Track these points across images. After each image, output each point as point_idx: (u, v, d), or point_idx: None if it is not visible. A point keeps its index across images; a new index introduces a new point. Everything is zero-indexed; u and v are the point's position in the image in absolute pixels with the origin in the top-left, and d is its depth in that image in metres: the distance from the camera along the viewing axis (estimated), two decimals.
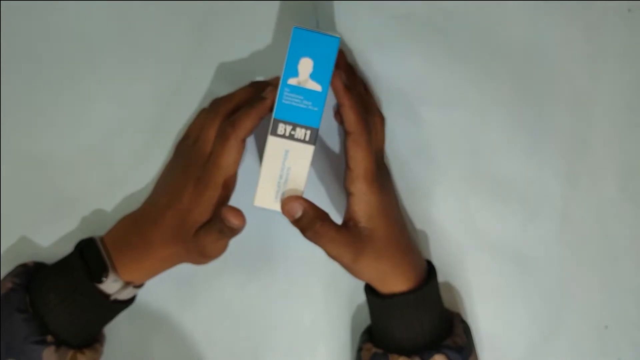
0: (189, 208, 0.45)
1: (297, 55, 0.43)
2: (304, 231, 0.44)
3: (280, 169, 0.43)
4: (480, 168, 0.54)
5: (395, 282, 0.47)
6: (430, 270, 0.50)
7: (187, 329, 0.54)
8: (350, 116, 0.45)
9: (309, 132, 0.43)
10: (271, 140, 0.43)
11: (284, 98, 0.43)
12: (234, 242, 0.50)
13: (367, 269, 0.46)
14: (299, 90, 0.43)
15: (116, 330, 0.53)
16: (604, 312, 0.55)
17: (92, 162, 0.53)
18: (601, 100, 0.54)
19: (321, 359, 0.54)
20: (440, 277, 0.54)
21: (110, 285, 0.46)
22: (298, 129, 0.43)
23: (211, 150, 0.45)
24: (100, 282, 0.46)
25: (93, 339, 0.50)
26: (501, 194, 0.54)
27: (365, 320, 0.53)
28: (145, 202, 0.50)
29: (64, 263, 0.48)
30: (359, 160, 0.45)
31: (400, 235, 0.48)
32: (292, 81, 0.43)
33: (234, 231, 0.44)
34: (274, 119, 0.43)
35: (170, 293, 0.54)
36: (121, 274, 0.47)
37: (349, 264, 0.46)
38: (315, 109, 0.42)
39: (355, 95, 0.45)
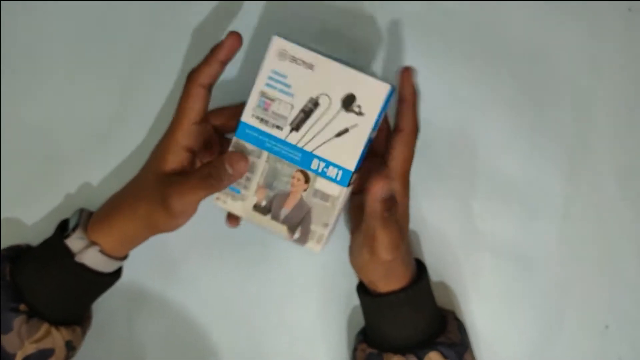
0: (156, 156, 0.46)
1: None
2: (386, 210, 0.44)
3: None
4: (480, 168, 0.54)
5: (387, 281, 0.47)
6: (420, 269, 0.50)
7: (187, 329, 0.54)
8: (408, 114, 0.45)
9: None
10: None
11: None
12: (234, 243, 0.51)
13: (381, 265, 0.46)
14: None
15: (114, 329, 0.53)
16: (604, 312, 0.55)
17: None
18: (601, 100, 0.54)
19: (320, 359, 0.54)
20: (440, 277, 0.54)
21: (75, 242, 0.46)
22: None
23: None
24: (67, 237, 0.46)
25: (72, 319, 0.49)
26: (501, 194, 0.54)
27: (362, 321, 0.53)
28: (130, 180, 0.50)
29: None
30: (403, 160, 0.46)
31: (405, 233, 0.49)
32: None
33: (222, 182, 0.44)
34: None
35: (170, 293, 0.54)
36: (89, 233, 0.47)
37: (381, 257, 0.45)
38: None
39: (416, 97, 0.46)
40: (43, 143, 0.54)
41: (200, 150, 0.47)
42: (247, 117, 0.45)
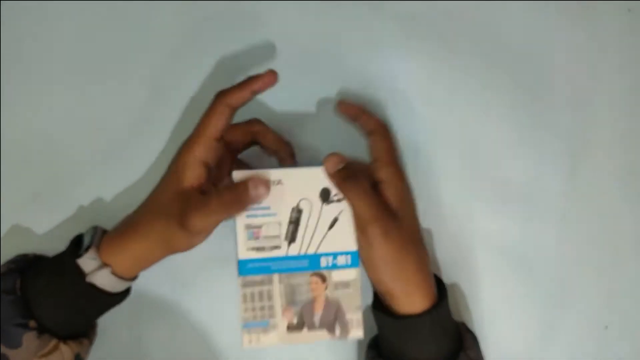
0: (175, 172, 0.46)
1: None
2: (344, 179, 0.45)
3: None
4: (480, 168, 0.54)
5: (415, 300, 0.46)
6: (440, 286, 0.49)
7: (187, 330, 0.54)
8: (366, 120, 0.49)
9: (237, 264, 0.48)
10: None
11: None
12: (234, 244, 0.50)
13: (390, 256, 0.45)
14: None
15: (114, 329, 0.53)
16: (604, 312, 0.55)
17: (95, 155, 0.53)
18: (601, 100, 0.54)
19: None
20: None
21: (87, 262, 0.46)
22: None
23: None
24: (79, 256, 0.46)
25: (79, 333, 0.49)
26: (501, 194, 0.54)
27: (366, 324, 0.53)
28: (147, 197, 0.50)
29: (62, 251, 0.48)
30: (386, 150, 0.48)
31: (420, 238, 0.48)
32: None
33: (243, 204, 0.45)
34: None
35: (170, 294, 0.54)
36: (101, 253, 0.46)
37: (377, 238, 0.44)
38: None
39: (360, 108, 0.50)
40: (54, 150, 0.53)
41: (214, 167, 0.47)
42: (242, 254, 0.46)
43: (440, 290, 0.48)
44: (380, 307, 0.48)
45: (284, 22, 0.54)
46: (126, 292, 0.50)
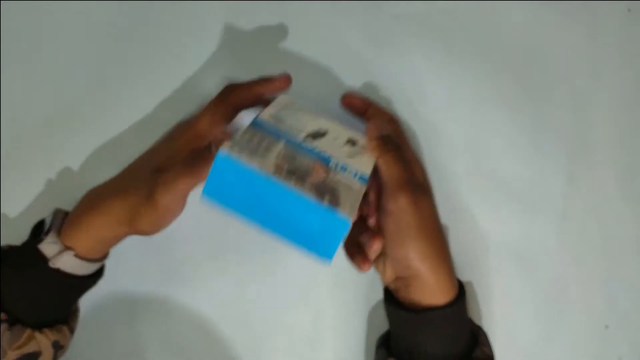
0: (150, 159, 0.45)
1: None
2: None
3: None
4: (480, 168, 0.54)
5: (440, 287, 0.44)
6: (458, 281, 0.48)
7: (187, 329, 0.54)
8: (378, 112, 0.48)
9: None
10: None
11: None
12: (235, 244, 0.50)
13: (419, 225, 0.44)
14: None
15: (112, 329, 0.53)
16: (604, 312, 0.55)
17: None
18: (601, 100, 0.54)
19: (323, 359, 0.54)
20: None
21: (48, 247, 0.45)
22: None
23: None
24: (40, 241, 0.45)
25: (56, 320, 0.47)
26: (501, 194, 0.54)
27: (370, 322, 0.53)
28: (114, 177, 0.48)
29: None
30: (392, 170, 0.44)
31: (440, 233, 0.47)
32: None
33: (204, 161, 0.43)
34: None
35: (170, 294, 0.54)
36: (62, 237, 0.45)
37: (407, 204, 0.43)
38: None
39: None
40: (44, 142, 0.54)
41: None
42: (264, 116, 0.43)
43: (460, 285, 0.47)
44: (392, 302, 0.46)
45: (283, 22, 0.54)
46: (98, 274, 0.48)
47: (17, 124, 0.53)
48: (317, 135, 0.43)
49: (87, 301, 0.51)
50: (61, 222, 0.46)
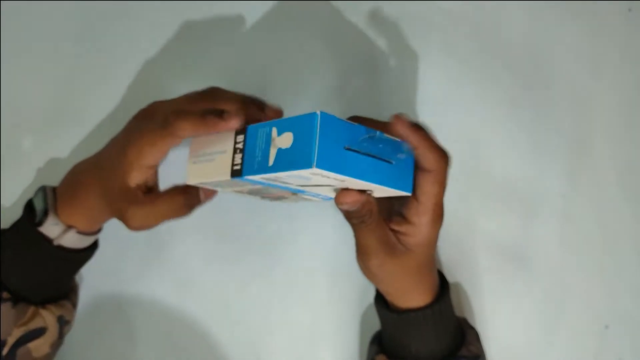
0: (121, 169, 0.43)
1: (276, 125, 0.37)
2: (357, 219, 0.41)
3: None
4: (480, 168, 0.54)
5: (413, 297, 0.45)
6: (442, 281, 0.48)
7: (186, 329, 0.54)
8: (429, 155, 0.40)
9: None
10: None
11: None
12: (235, 242, 0.50)
13: (390, 278, 0.44)
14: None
15: (110, 329, 0.53)
16: (604, 312, 0.55)
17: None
18: (601, 100, 0.54)
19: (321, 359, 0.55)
20: None
21: (51, 229, 0.46)
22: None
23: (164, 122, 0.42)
24: (40, 224, 0.46)
25: (59, 295, 0.49)
26: (501, 194, 0.54)
27: (366, 322, 0.53)
28: (98, 151, 0.48)
29: (19, 218, 0.48)
30: (433, 195, 0.41)
31: (432, 256, 0.46)
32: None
33: (191, 207, 0.43)
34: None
35: (169, 293, 0.54)
36: (62, 217, 0.46)
37: (374, 266, 0.43)
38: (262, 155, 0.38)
39: (426, 133, 0.40)
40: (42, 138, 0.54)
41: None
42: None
43: (443, 286, 0.48)
44: (382, 301, 0.47)
45: (283, 22, 0.54)
46: (95, 245, 0.49)
47: (13, 116, 0.53)
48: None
49: (85, 301, 0.51)
50: (53, 200, 0.47)
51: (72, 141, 0.53)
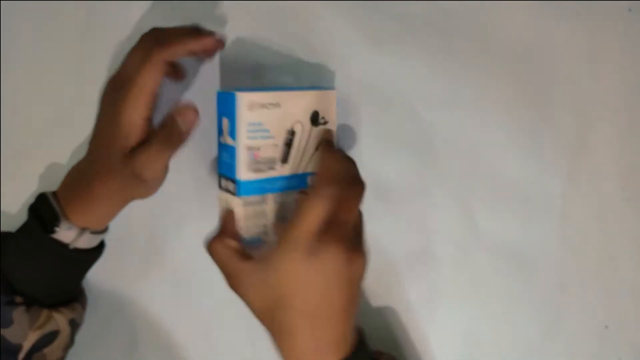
0: (113, 133, 0.44)
1: (220, 116, 0.46)
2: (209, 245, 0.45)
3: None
4: (480, 168, 0.54)
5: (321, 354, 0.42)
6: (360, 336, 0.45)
7: (186, 329, 0.54)
8: (321, 166, 0.44)
9: (233, 184, 0.45)
10: (219, 194, 0.47)
11: (221, 155, 0.46)
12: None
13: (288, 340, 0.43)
14: (223, 147, 0.46)
15: (110, 328, 0.53)
16: (604, 312, 0.55)
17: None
18: (601, 100, 0.54)
19: None
20: (441, 277, 0.54)
21: (65, 234, 0.46)
22: (229, 183, 0.45)
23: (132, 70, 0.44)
24: (53, 231, 0.45)
25: (70, 298, 0.49)
26: (501, 194, 0.54)
27: (366, 322, 0.53)
28: (88, 148, 0.48)
29: (23, 224, 0.48)
30: (305, 214, 0.40)
31: (324, 309, 0.42)
32: (221, 139, 0.46)
33: (181, 137, 0.44)
34: (218, 174, 0.47)
35: (169, 293, 0.54)
36: (74, 220, 0.46)
37: (266, 314, 0.43)
38: (232, 163, 0.45)
39: (337, 152, 0.45)
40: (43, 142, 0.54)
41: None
42: (244, 175, 0.45)
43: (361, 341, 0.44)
44: None
45: (283, 21, 0.54)
46: (102, 243, 0.50)
47: (15, 121, 0.53)
48: (289, 142, 0.46)
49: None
50: (60, 206, 0.47)
51: (72, 143, 0.53)
